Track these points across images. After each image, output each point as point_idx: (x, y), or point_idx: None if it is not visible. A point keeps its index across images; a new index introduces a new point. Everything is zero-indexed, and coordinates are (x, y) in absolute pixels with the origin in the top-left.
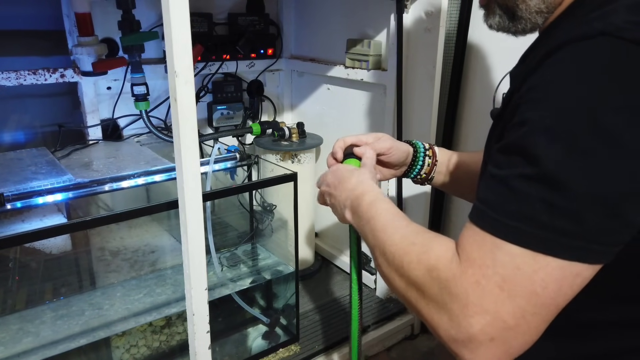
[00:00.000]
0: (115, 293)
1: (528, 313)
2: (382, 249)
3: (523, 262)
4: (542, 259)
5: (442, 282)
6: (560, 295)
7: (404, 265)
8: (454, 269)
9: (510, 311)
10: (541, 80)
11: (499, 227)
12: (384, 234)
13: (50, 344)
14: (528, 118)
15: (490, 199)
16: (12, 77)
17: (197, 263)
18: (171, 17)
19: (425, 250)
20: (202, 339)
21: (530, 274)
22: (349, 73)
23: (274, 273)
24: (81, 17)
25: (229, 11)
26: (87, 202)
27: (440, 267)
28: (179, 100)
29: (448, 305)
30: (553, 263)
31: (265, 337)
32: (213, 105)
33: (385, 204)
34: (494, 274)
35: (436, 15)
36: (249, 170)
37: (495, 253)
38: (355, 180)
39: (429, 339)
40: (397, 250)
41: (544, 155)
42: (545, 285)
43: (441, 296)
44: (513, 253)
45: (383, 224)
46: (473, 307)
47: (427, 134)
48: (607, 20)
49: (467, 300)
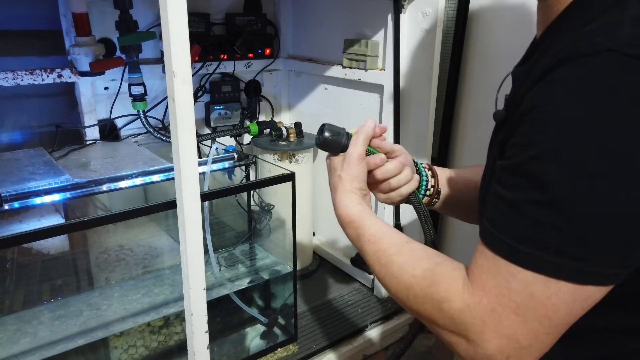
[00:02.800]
0: (113, 293)
1: (541, 334)
2: (382, 279)
3: (537, 289)
4: (554, 285)
5: (455, 313)
6: (571, 316)
7: (410, 299)
8: (467, 299)
9: (525, 333)
10: (545, 100)
11: (512, 252)
12: (380, 265)
13: (48, 345)
14: (534, 140)
15: (502, 222)
16: (9, 77)
17: (195, 263)
18: (169, 16)
19: (429, 283)
20: (201, 339)
21: (544, 300)
22: (346, 73)
23: (272, 273)
24: (78, 17)
25: (226, 11)
26: (84, 202)
27: (451, 299)
28: (176, 100)
29: (464, 333)
30: (565, 288)
31: (263, 336)
32: (210, 105)
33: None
34: (510, 302)
35: (433, 15)
36: (246, 170)
37: (510, 281)
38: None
39: (427, 339)
40: (399, 284)
41: (552, 181)
42: (557, 309)
43: (455, 325)
44: (527, 280)
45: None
46: (490, 333)
47: (425, 134)
48: (611, 35)
49: (484, 327)
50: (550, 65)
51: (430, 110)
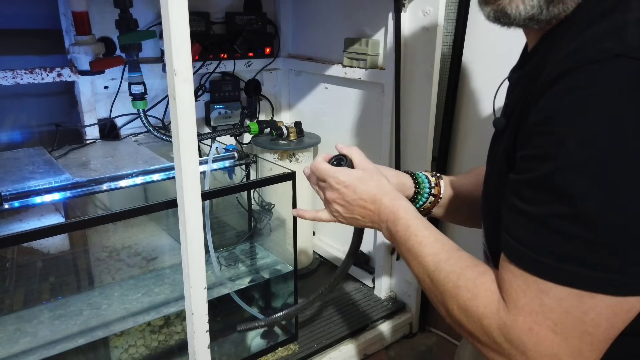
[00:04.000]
0: (114, 293)
1: (585, 350)
2: (429, 285)
3: (571, 305)
4: (589, 299)
5: (495, 332)
6: (614, 330)
7: (454, 310)
8: (503, 317)
9: (567, 352)
10: (559, 110)
11: (542, 269)
12: (428, 271)
13: (48, 344)
14: (553, 153)
15: (528, 239)
16: (9, 76)
17: (196, 262)
18: (170, 15)
19: (471, 296)
20: (201, 339)
21: (581, 316)
22: (346, 72)
23: (273, 272)
24: (78, 15)
25: (226, 10)
26: (84, 201)
27: (490, 316)
28: (177, 99)
29: (507, 352)
30: (601, 302)
31: (264, 336)
32: (211, 104)
33: (422, 230)
34: (545, 319)
35: (434, 14)
36: (247, 169)
37: (542, 298)
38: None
39: (427, 338)
40: (445, 291)
41: (577, 193)
42: (597, 324)
43: (497, 344)
44: (560, 296)
45: (425, 260)
46: (532, 354)
47: (425, 133)
48: (619, 39)
49: (525, 347)
50: (559, 72)
51: (430, 109)
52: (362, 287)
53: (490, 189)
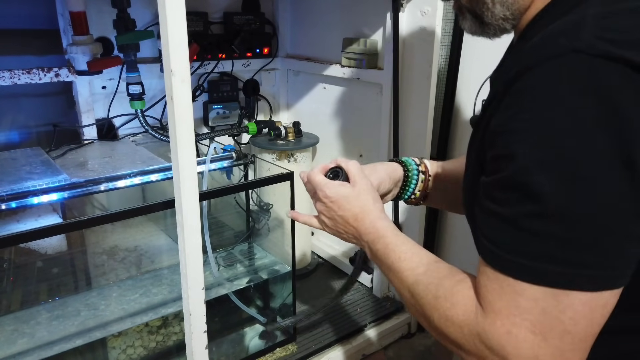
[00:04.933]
0: (111, 293)
1: (566, 351)
2: (410, 300)
3: (547, 305)
4: (565, 297)
5: (475, 338)
6: (593, 327)
7: (435, 321)
8: (481, 323)
9: (548, 353)
10: (519, 107)
11: (515, 269)
12: (408, 286)
13: (46, 345)
14: (516, 151)
15: (500, 240)
16: (6, 76)
17: (194, 263)
18: (167, 15)
19: (449, 305)
20: (199, 339)
21: (558, 315)
22: (345, 72)
23: (271, 272)
24: (76, 15)
25: (224, 10)
26: (82, 202)
27: (469, 323)
28: (175, 99)
29: (489, 358)
30: (577, 299)
31: (262, 336)
32: (209, 104)
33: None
34: (523, 321)
35: (432, 14)
36: (245, 169)
37: (518, 300)
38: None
39: (426, 338)
40: (425, 304)
41: (544, 190)
42: (575, 322)
43: (478, 350)
44: (535, 297)
45: (404, 275)
46: (512, 358)
47: (424, 133)
48: (574, 35)
49: (505, 351)
50: (518, 69)
51: (429, 109)
52: (360, 287)
53: (466, 186)
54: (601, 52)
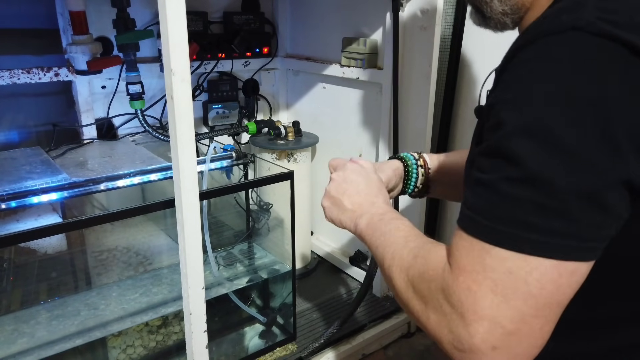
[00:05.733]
0: (111, 293)
1: (528, 315)
2: (390, 261)
3: (514, 265)
4: (534, 261)
5: (439, 293)
6: (560, 294)
7: (409, 278)
8: (446, 277)
9: (508, 315)
10: (513, 78)
11: (488, 232)
12: (395, 247)
13: (46, 345)
14: (504, 119)
15: (478, 204)
16: (6, 75)
17: (194, 262)
18: (167, 15)
19: (424, 261)
20: (199, 339)
21: (524, 276)
22: (344, 72)
23: (271, 272)
24: (75, 15)
25: (224, 10)
26: (82, 201)
27: (436, 278)
28: (175, 99)
29: (447, 316)
30: (546, 263)
31: (262, 336)
32: (208, 104)
33: (403, 223)
34: (485, 279)
35: (432, 14)
36: (245, 169)
37: (485, 258)
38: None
39: (425, 337)
40: (404, 263)
41: (525, 156)
42: (541, 286)
43: (440, 307)
44: (503, 257)
45: (396, 239)
46: (469, 315)
47: (423, 132)
48: (576, 14)
49: (462, 308)
50: (518, 45)
51: (429, 109)
52: (359, 287)
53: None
54: (601, 32)
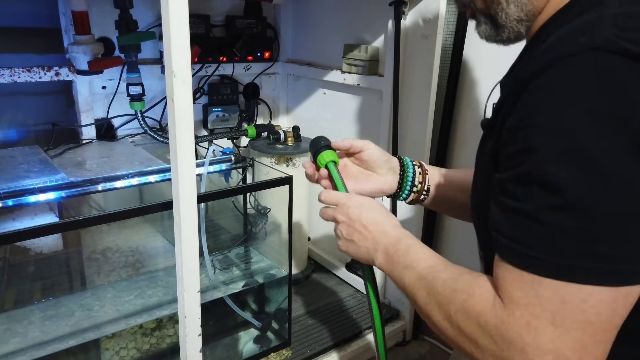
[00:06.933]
0: (106, 294)
1: (588, 343)
2: (425, 298)
3: (568, 294)
4: (587, 288)
5: (492, 330)
6: (616, 317)
7: (452, 314)
8: (499, 313)
9: (570, 346)
10: (538, 102)
11: (537, 264)
12: (425, 282)
13: (39, 345)
14: (535, 145)
15: (519, 235)
16: (6, 74)
17: (190, 265)
18: (170, 16)
19: (467, 297)
20: (194, 342)
21: (580, 305)
22: (345, 78)
23: (267, 277)
24: (78, 15)
25: (226, 13)
26: (79, 201)
27: (487, 314)
28: (175, 101)
29: (505, 353)
30: (600, 289)
31: (256, 341)
32: (209, 107)
33: (421, 249)
34: (543, 311)
35: (434, 22)
36: (243, 172)
37: (538, 290)
38: (390, 225)
39: (421, 346)
40: (442, 299)
41: (565, 183)
42: (598, 312)
43: (495, 344)
44: (556, 287)
45: (422, 272)
46: (532, 350)
47: (423, 140)
48: (594, 33)
49: (524, 343)
50: (538, 67)
51: (429, 117)
52: (356, 293)
53: (477, 190)
54: (619, 50)
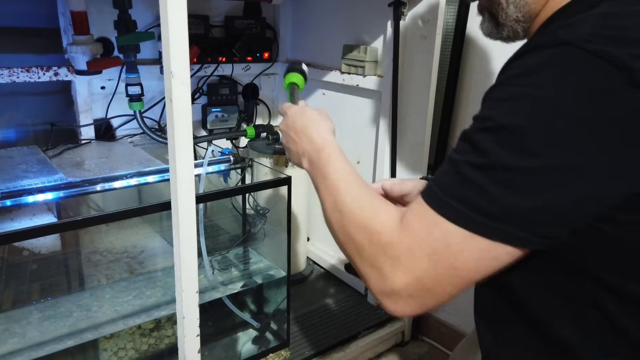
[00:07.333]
0: (104, 295)
1: (446, 283)
2: (333, 206)
3: (454, 239)
4: (470, 239)
5: (381, 246)
6: (476, 273)
7: (351, 226)
8: (394, 236)
9: (432, 277)
10: (504, 81)
11: (442, 205)
12: (337, 193)
13: (37, 345)
14: (488, 115)
15: (441, 180)
16: (5, 74)
17: (188, 266)
18: (169, 16)
19: (372, 216)
20: (192, 343)
21: (457, 252)
22: (344, 79)
23: (266, 277)
24: (77, 15)
25: (226, 14)
26: (77, 202)
27: (382, 233)
28: (174, 101)
29: (381, 264)
30: (477, 243)
31: (255, 341)
32: (208, 107)
33: (341, 161)
34: (427, 246)
35: (433, 23)
36: (242, 173)
37: (433, 228)
38: (317, 131)
39: (419, 347)
40: (347, 211)
41: (492, 150)
42: (466, 262)
43: (376, 257)
44: (448, 230)
45: (337, 183)
46: (402, 270)
47: (422, 142)
48: (572, 30)
49: (399, 262)
50: (516, 54)
51: (427, 117)
52: (354, 294)
53: None
54: (589, 48)
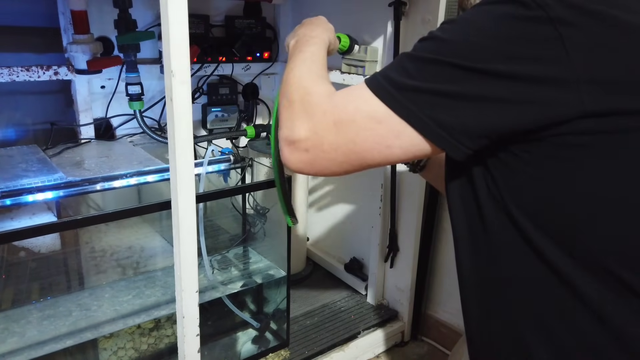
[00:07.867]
0: (104, 294)
1: (340, 152)
2: (293, 67)
3: (367, 117)
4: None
5: (307, 104)
6: (371, 154)
7: (295, 84)
8: (322, 100)
9: (331, 142)
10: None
11: (375, 83)
12: (302, 61)
13: (36, 345)
14: (432, 33)
15: (389, 67)
16: (5, 73)
17: (188, 265)
18: (169, 16)
19: (314, 84)
20: (192, 342)
21: (360, 129)
22: (344, 78)
23: (265, 277)
24: (77, 14)
25: (226, 14)
26: (77, 201)
27: (313, 95)
28: (174, 100)
29: (297, 117)
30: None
31: (255, 341)
32: (207, 107)
33: (322, 50)
34: (340, 113)
35: (433, 23)
36: (242, 173)
37: (357, 103)
38: (320, 30)
39: (419, 347)
40: (299, 75)
41: (437, 34)
42: (365, 140)
43: (299, 112)
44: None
45: (306, 55)
46: (308, 125)
47: None
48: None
49: (310, 119)
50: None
51: None
52: (354, 294)
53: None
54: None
